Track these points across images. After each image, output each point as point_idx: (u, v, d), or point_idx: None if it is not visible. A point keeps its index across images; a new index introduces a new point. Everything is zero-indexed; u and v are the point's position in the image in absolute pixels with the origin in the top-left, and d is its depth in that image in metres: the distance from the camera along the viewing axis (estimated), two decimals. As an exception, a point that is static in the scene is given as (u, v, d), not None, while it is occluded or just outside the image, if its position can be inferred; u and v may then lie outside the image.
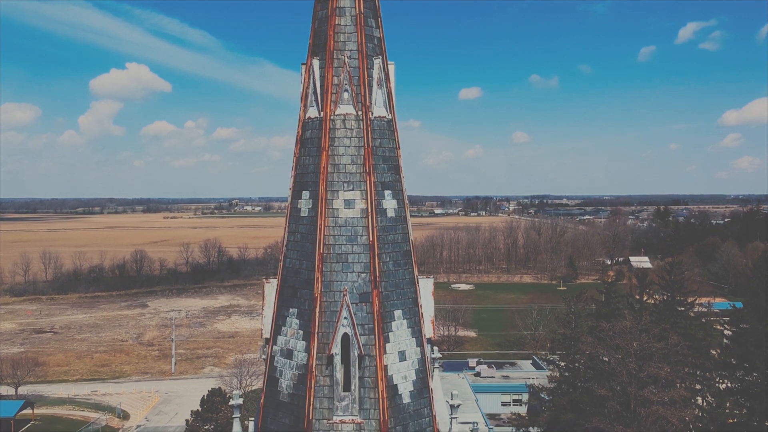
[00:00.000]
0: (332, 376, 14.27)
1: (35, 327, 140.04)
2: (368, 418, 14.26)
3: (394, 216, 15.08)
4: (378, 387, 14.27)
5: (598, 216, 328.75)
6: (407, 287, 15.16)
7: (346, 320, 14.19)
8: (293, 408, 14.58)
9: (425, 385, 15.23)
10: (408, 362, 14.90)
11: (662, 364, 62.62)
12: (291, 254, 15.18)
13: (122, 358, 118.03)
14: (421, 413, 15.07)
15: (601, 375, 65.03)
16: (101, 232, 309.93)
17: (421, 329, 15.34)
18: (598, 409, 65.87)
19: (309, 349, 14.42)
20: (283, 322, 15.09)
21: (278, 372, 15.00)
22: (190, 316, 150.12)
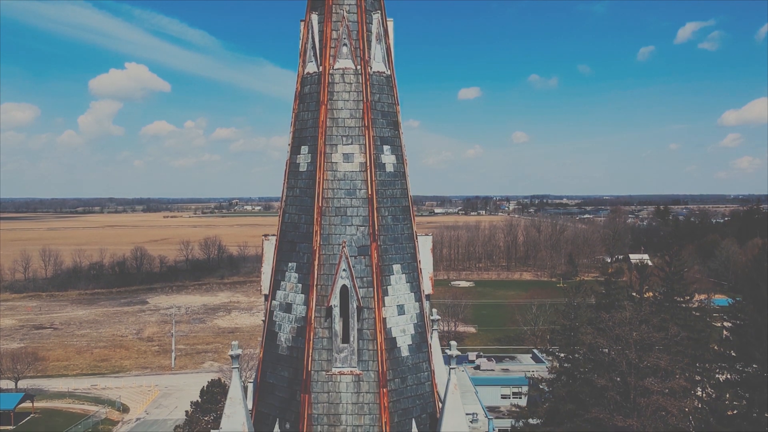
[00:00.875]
0: (331, 328, 14.31)
1: (35, 323, 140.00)
2: (367, 370, 14.30)
3: (393, 171, 15.12)
4: (377, 339, 14.31)
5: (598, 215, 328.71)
6: (406, 242, 15.20)
7: (344, 272, 14.23)
8: (292, 360, 14.62)
9: (424, 340, 15.27)
10: (407, 316, 14.94)
11: (662, 354, 62.70)
12: (290, 209, 15.22)
13: (122, 353, 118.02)
14: (420, 367, 15.11)
15: (601, 365, 65.07)
16: (101, 230, 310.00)
17: (419, 285, 15.38)
18: (598, 400, 65.92)
19: (308, 302, 14.46)
20: (282, 277, 15.13)
21: (277, 326, 15.04)
22: (190, 313, 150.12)
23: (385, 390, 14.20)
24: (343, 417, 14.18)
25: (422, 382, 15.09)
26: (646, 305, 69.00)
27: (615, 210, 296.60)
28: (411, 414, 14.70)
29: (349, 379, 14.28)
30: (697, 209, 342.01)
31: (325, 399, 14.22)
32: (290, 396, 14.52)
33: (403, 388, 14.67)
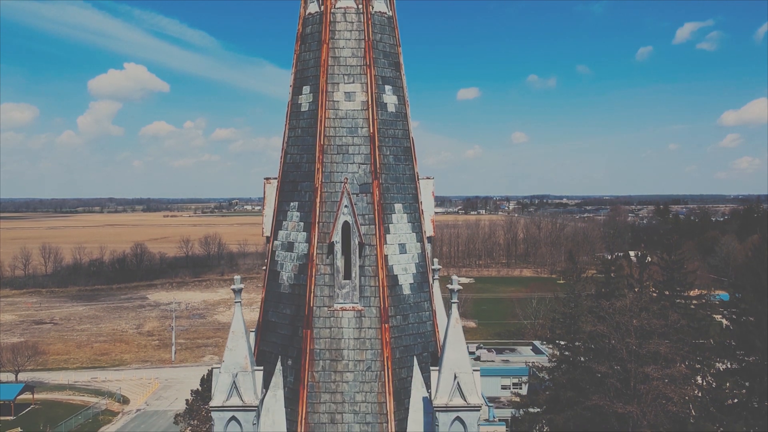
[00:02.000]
0: (333, 264, 14.37)
1: (35, 318, 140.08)
2: (368, 306, 14.36)
3: (394, 111, 15.19)
4: (378, 275, 14.37)
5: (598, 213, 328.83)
6: (408, 183, 15.27)
7: (346, 209, 14.29)
8: (294, 297, 14.67)
9: (425, 280, 15.33)
10: (408, 255, 15.00)
11: (662, 341, 62.70)
12: (291, 150, 15.29)
13: (122, 347, 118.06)
14: (422, 306, 15.17)
15: (601, 353, 65.12)
16: (101, 229, 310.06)
17: (421, 226, 15.44)
18: (598, 387, 65.96)
19: (310, 239, 14.52)
20: (284, 217, 15.19)
21: (279, 265, 15.10)
22: (190, 308, 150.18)
23: (387, 326, 14.26)
24: (345, 352, 14.23)
25: (424, 321, 15.15)
26: (646, 293, 69.08)
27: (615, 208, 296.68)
28: (412, 351, 14.75)
29: (351, 315, 14.33)
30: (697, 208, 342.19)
31: (327, 334, 14.27)
32: (292, 333, 14.57)
33: (405, 326, 14.73)
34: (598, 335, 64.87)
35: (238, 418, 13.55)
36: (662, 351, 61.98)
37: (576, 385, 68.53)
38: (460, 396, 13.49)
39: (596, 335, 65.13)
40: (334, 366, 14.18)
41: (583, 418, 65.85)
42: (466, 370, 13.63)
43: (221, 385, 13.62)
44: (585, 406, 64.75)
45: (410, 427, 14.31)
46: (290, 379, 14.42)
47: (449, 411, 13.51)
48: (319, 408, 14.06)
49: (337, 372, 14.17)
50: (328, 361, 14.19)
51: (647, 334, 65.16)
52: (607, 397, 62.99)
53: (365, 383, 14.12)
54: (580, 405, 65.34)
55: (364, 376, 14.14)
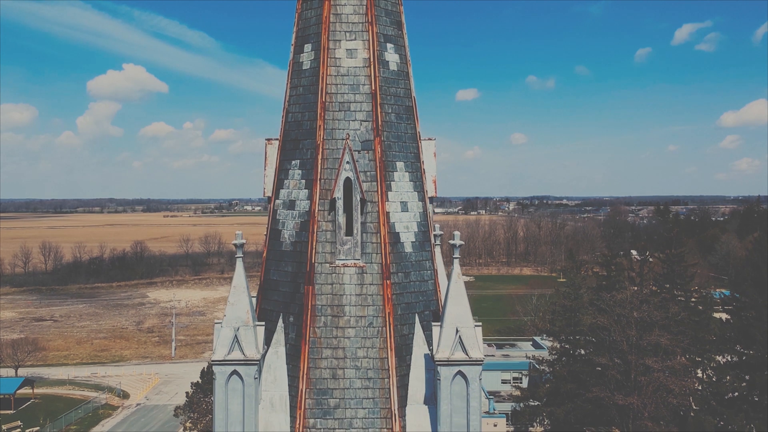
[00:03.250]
0: (334, 221, 14.37)
1: (35, 316, 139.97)
2: (370, 262, 14.35)
3: (396, 70, 15.19)
4: (380, 232, 14.36)
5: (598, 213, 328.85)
6: (409, 141, 15.27)
7: (348, 165, 14.29)
8: (296, 255, 14.67)
9: (427, 239, 15.33)
10: (410, 214, 15.00)
11: (663, 333, 62.68)
12: (293, 108, 15.29)
13: (122, 343, 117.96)
14: (423, 265, 15.16)
15: (602, 345, 65.10)
16: (101, 228, 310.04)
17: (423, 186, 15.44)
18: (599, 379, 65.91)
19: (311, 197, 14.52)
20: (286, 176, 15.19)
21: (280, 224, 15.09)
22: (190, 306, 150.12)
23: (389, 282, 14.25)
24: (346, 308, 14.22)
25: (425, 279, 15.14)
26: (646, 286, 69.07)
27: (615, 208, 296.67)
28: (414, 309, 14.75)
29: (353, 271, 14.32)
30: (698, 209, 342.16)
31: (329, 291, 14.26)
32: (294, 290, 14.57)
33: (407, 283, 14.72)
34: (599, 327, 64.91)
35: (239, 372, 13.54)
36: (663, 343, 61.99)
37: (576, 377, 68.51)
38: (462, 350, 13.49)
39: (597, 327, 65.16)
40: (335, 322, 14.17)
41: (583, 411, 65.83)
42: (468, 325, 13.63)
43: (223, 339, 13.61)
44: (585, 399, 64.74)
45: (412, 384, 14.31)
46: (292, 336, 14.42)
47: (451, 365, 13.50)
48: (320, 363, 14.05)
49: (338, 328, 14.16)
50: (329, 317, 14.18)
51: (648, 326, 65.15)
52: (608, 389, 62.98)
53: (367, 339, 14.12)
54: (580, 397, 65.34)
55: (365, 332, 14.14)
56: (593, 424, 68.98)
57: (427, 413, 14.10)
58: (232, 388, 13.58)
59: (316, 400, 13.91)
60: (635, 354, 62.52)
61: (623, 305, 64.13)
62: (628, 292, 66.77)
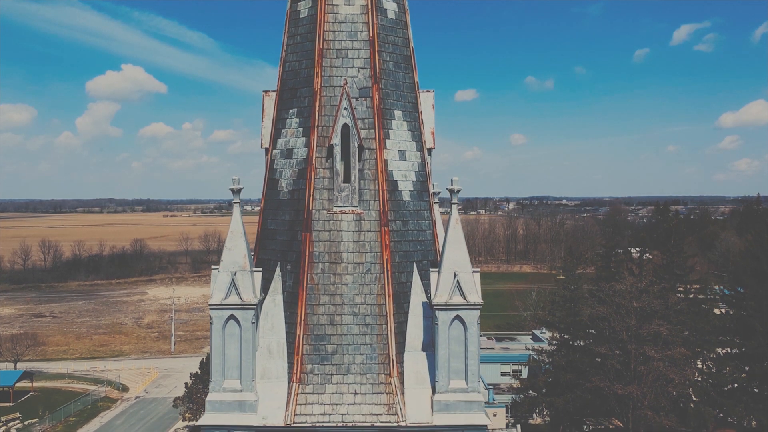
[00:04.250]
0: (332, 168, 14.31)
1: (34, 312, 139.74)
2: (368, 209, 14.29)
3: (394, 18, 15.14)
4: (378, 179, 14.31)
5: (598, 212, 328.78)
6: (407, 91, 15.22)
7: (346, 111, 14.23)
8: (293, 203, 14.61)
9: (425, 189, 15.27)
10: (408, 163, 14.94)
11: (662, 323, 62.59)
12: (290, 57, 15.23)
13: (121, 338, 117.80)
14: (422, 215, 15.10)
15: (602, 335, 65.02)
16: (101, 228, 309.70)
17: (421, 136, 15.39)
18: (598, 369, 65.79)
19: (309, 144, 14.46)
20: (283, 125, 15.13)
21: (278, 173, 15.03)
22: (190, 303, 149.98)
23: (386, 229, 14.19)
24: (344, 255, 14.16)
25: (424, 229, 15.08)
26: (646, 275, 68.98)
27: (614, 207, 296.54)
28: (412, 258, 14.68)
29: (351, 218, 14.27)
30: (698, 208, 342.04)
31: (326, 237, 14.20)
32: (291, 238, 14.50)
33: (405, 231, 14.66)
34: (599, 317, 64.83)
35: (236, 317, 13.48)
36: (662, 332, 61.89)
37: (576, 367, 68.38)
38: (460, 294, 13.43)
39: (596, 317, 65.08)
40: (333, 268, 14.11)
41: (583, 401, 65.73)
42: (466, 270, 13.58)
43: (220, 283, 13.55)
44: (585, 389, 64.62)
45: (410, 331, 14.25)
46: (289, 284, 14.35)
47: (449, 309, 13.45)
48: (318, 310, 13.99)
49: (336, 274, 14.10)
50: (327, 264, 14.12)
51: (647, 315, 65.06)
52: (607, 379, 62.88)
53: (364, 285, 14.06)
54: (580, 387, 65.24)
55: (363, 279, 14.08)
56: (593, 415, 68.95)
57: (425, 359, 14.04)
58: (229, 333, 13.52)
59: (314, 346, 13.85)
60: (635, 343, 62.42)
61: (623, 295, 64.09)
62: (628, 282, 66.76)
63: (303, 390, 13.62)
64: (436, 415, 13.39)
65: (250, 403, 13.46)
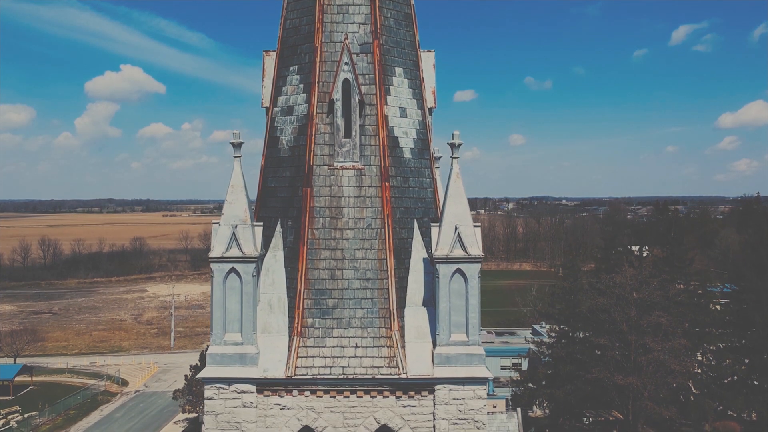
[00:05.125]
0: (333, 123, 14.31)
1: (34, 309, 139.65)
2: (369, 165, 14.30)
3: (394, -26, 15.14)
4: (379, 135, 14.31)
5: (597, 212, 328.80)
6: (408, 49, 15.23)
7: (346, 66, 14.24)
8: (294, 159, 14.61)
9: (426, 148, 15.28)
10: (409, 120, 14.96)
11: (662, 314, 62.57)
12: (291, 15, 15.24)
13: (121, 334, 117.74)
14: (422, 173, 15.11)
15: (602, 326, 64.99)
16: (101, 227, 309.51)
17: (422, 94, 15.40)
18: (598, 361, 65.74)
19: (310, 99, 14.47)
20: (284, 82, 15.13)
21: (278, 131, 15.04)
22: (189, 300, 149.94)
23: (387, 184, 14.20)
24: (345, 210, 14.16)
25: (425, 187, 15.09)
26: (646, 267, 69.00)
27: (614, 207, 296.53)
28: (413, 215, 14.69)
29: (351, 173, 14.27)
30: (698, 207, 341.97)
31: (327, 192, 14.21)
32: (292, 194, 14.51)
33: (405, 188, 14.66)
34: (599, 309, 64.80)
35: (237, 270, 13.48)
36: (663, 323, 61.88)
37: (575, 359, 68.36)
38: (461, 248, 13.43)
39: (596, 309, 65.05)
40: (334, 223, 14.12)
41: (583, 392, 65.66)
42: (467, 223, 13.57)
43: (220, 237, 13.55)
44: (585, 380, 64.58)
45: (410, 287, 14.25)
46: (290, 239, 14.36)
47: (450, 262, 13.45)
48: (319, 264, 13.99)
49: (337, 229, 14.11)
50: (328, 219, 14.13)
51: (648, 307, 65.06)
52: (608, 370, 62.84)
53: (365, 240, 14.06)
54: (580, 379, 65.21)
55: (364, 234, 14.08)
56: (593, 407, 68.90)
57: (426, 314, 14.04)
58: (230, 286, 13.52)
59: (315, 300, 13.85)
60: (635, 335, 62.39)
61: (623, 286, 64.10)
62: (628, 274, 66.77)
63: (304, 343, 13.63)
64: (437, 367, 13.39)
65: (251, 356, 13.46)
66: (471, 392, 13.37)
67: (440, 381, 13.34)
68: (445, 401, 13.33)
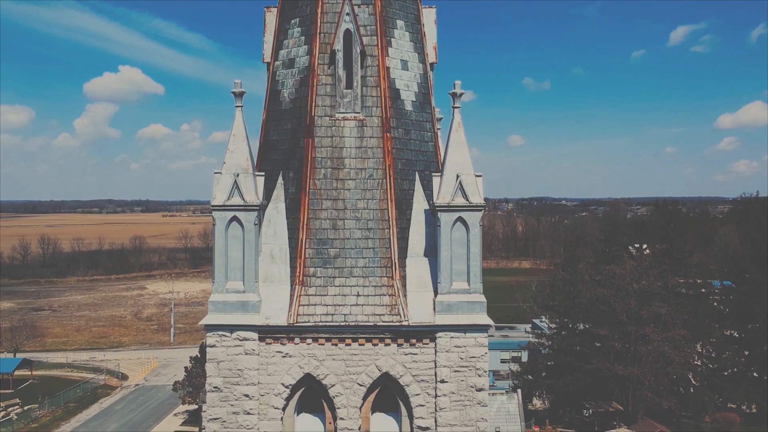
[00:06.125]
0: (334, 74, 14.34)
1: (33, 306, 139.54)
2: (370, 116, 14.33)
3: (392, -67, 15.16)
4: (380, 86, 14.35)
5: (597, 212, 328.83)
6: (410, 2, 15.31)
7: (348, 17, 14.28)
8: (295, 111, 14.64)
9: (427, 101, 15.31)
10: (410, 73, 14.99)
11: (662, 304, 62.56)
12: (293, -32, 15.26)
13: (121, 330, 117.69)
14: (424, 126, 15.14)
15: (602, 317, 64.99)
16: (100, 226, 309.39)
17: (423, 48, 15.43)
18: (598, 351, 65.72)
19: (311, 51, 14.50)
20: (285, 36, 15.16)
21: (279, 84, 15.06)
22: (189, 297, 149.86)
23: (389, 135, 14.22)
24: (346, 161, 14.19)
25: (426, 140, 15.12)
26: (646, 258, 69.01)
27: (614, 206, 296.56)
28: (415, 167, 14.71)
29: (353, 124, 14.30)
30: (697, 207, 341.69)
31: (329, 143, 14.24)
32: (293, 146, 14.53)
33: (407, 140, 14.69)
34: (599, 300, 64.79)
35: (239, 218, 13.49)
36: (662, 313, 61.88)
37: (575, 350, 68.31)
38: (463, 195, 13.46)
39: (596, 300, 65.05)
40: (335, 174, 14.14)
41: (583, 383, 65.62)
42: (469, 172, 13.60)
43: (222, 185, 13.56)
44: (585, 371, 64.55)
45: (412, 237, 14.26)
46: (291, 191, 14.38)
47: (451, 210, 13.47)
48: (320, 214, 14.02)
49: (338, 180, 14.13)
50: (329, 169, 14.16)
51: (647, 297, 65.05)
52: (608, 360, 62.83)
53: (367, 191, 14.09)
54: (580, 370, 65.17)
55: (365, 184, 14.11)
56: (593, 398, 68.85)
57: (427, 264, 14.06)
58: (232, 234, 13.54)
59: (316, 250, 13.87)
60: (635, 325, 62.40)
61: (623, 277, 64.11)
62: (628, 265, 66.78)
63: (306, 292, 13.65)
64: (438, 315, 13.41)
65: (253, 304, 13.49)
66: (472, 340, 13.40)
67: (442, 328, 13.35)
68: (447, 349, 13.35)
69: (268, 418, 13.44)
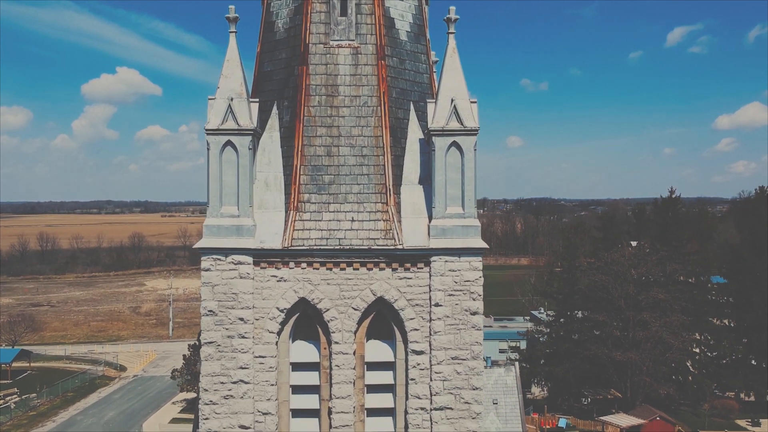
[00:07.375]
0: (329, 2, 14.32)
1: (32, 302, 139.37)
2: (365, 43, 14.30)
3: None
4: (375, 13, 14.33)
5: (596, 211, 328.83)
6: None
7: (342, -53, 14.23)
8: (290, 40, 14.61)
9: (422, 34, 15.29)
10: (405, 4, 14.94)
11: (661, 290, 62.50)
12: None
13: (119, 325, 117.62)
14: (419, 58, 15.12)
15: (600, 303, 64.93)
16: (99, 226, 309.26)
17: None
18: (597, 338, 65.66)
19: (306, -21, 14.45)
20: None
21: (274, 15, 15.03)
22: (188, 293, 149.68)
23: (383, 63, 14.20)
24: (341, 88, 14.17)
25: (421, 72, 15.10)
26: (645, 244, 68.97)
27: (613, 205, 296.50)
28: (409, 97, 14.69)
29: (347, 52, 14.28)
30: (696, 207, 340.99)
31: (323, 71, 14.21)
32: (288, 75, 14.50)
33: (402, 70, 14.67)
34: (597, 287, 64.77)
35: (233, 143, 13.46)
36: (661, 299, 61.81)
37: (573, 337, 68.21)
38: (457, 120, 13.44)
39: (595, 287, 65.02)
40: (330, 101, 14.12)
41: (582, 370, 65.57)
42: (464, 97, 13.59)
43: (216, 110, 13.53)
44: (584, 357, 64.51)
45: (406, 165, 14.25)
46: (286, 119, 14.35)
47: (446, 135, 13.45)
48: (315, 141, 13.99)
49: (333, 107, 14.11)
50: (324, 97, 14.13)
51: (646, 284, 65.00)
52: (606, 347, 62.77)
53: (361, 118, 14.07)
54: (578, 356, 65.12)
55: (360, 111, 14.09)
56: (592, 385, 68.77)
57: (422, 192, 14.04)
58: (226, 159, 13.51)
59: (311, 177, 13.85)
60: (633, 311, 62.40)
61: (621, 263, 64.11)
62: (626, 251, 66.78)
63: (300, 217, 13.62)
64: (433, 239, 13.38)
65: (247, 228, 13.46)
66: (467, 263, 13.36)
67: (436, 252, 13.32)
68: (441, 272, 13.32)
69: (263, 342, 13.41)
